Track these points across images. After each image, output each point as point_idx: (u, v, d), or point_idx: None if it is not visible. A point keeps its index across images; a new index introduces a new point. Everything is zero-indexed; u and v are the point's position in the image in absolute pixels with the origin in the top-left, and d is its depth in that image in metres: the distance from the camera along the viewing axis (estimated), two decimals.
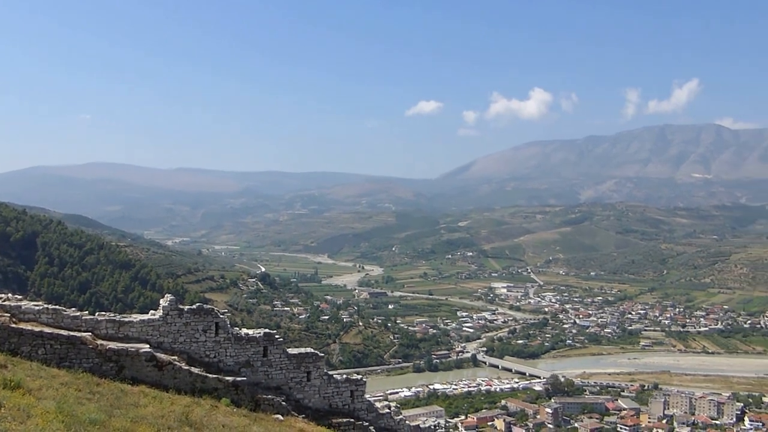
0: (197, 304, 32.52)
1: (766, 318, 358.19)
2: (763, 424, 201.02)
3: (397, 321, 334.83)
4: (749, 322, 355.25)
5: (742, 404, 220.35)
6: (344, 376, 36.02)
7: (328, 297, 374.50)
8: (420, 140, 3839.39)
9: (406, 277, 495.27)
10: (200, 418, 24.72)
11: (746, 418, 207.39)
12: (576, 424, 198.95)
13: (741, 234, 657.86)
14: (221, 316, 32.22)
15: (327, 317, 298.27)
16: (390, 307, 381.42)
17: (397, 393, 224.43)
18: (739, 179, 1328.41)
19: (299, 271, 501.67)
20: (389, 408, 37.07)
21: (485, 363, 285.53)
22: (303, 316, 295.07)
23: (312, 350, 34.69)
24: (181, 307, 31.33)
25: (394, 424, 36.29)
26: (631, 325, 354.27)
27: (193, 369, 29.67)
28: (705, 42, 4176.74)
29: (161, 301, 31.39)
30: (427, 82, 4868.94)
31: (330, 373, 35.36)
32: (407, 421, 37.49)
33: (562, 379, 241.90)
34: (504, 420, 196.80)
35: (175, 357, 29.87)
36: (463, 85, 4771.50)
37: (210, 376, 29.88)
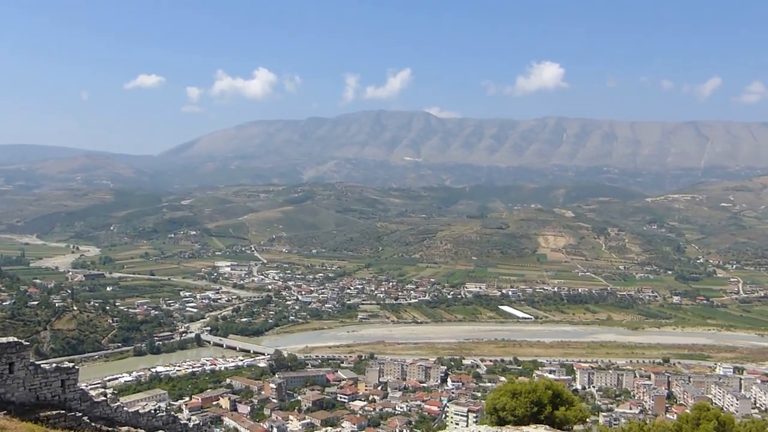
0: None
1: (466, 289, 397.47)
2: (463, 384, 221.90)
3: (116, 303, 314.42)
4: (452, 293, 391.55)
5: (445, 367, 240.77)
6: (54, 365, 31.68)
7: (37, 281, 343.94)
8: (141, 115, 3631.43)
9: (126, 258, 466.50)
10: None
11: (449, 379, 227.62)
12: (299, 397, 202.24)
13: (446, 213, 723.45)
14: None
15: (36, 303, 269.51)
16: (108, 289, 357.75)
17: (116, 379, 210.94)
18: (445, 163, 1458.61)
19: (3, 253, 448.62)
20: (105, 395, 33.84)
21: (209, 342, 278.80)
22: (7, 303, 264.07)
23: (15, 339, 29.96)
24: None
25: (110, 412, 33.05)
26: (350, 300, 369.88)
27: None
28: (417, 34, 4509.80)
29: None
30: (148, 55, 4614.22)
31: (38, 363, 31.08)
32: (125, 408, 34.30)
33: (286, 355, 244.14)
34: (229, 398, 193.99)
35: None
36: (186, 61, 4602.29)
37: None
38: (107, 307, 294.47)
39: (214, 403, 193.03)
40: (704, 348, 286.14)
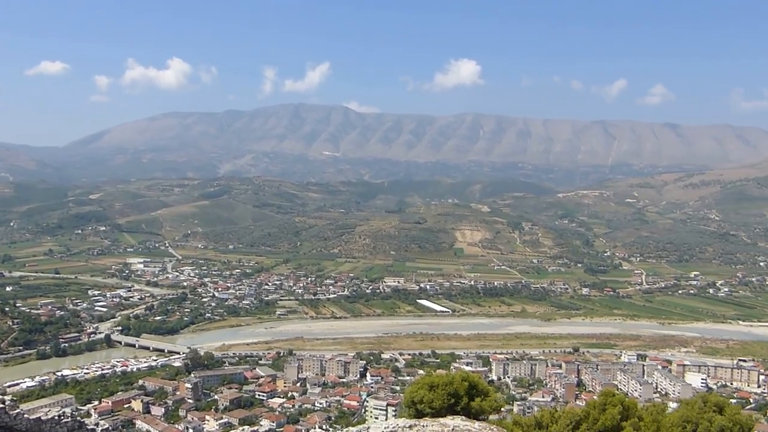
0: None
1: (384, 283, 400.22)
2: (382, 378, 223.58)
3: (17, 304, 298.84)
4: (371, 287, 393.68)
5: (364, 362, 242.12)
6: None
7: None
8: (45, 104, 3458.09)
9: (28, 255, 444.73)
10: None
11: (368, 374, 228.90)
12: (216, 396, 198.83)
13: (364, 208, 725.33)
14: None
15: None
16: (8, 289, 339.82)
17: (17, 384, 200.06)
18: (363, 158, 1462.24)
19: None
20: (3, 402, 31.34)
21: (121, 343, 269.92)
22: None
23: None
24: None
25: (9, 420, 30.86)
26: (268, 296, 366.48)
27: None
28: (336, 28, 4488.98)
29: None
30: (52, 41, 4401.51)
31: None
32: (26, 415, 32.04)
33: (202, 353, 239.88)
34: (142, 400, 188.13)
35: None
36: (93, 48, 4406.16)
37: None
38: (6, 309, 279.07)
39: (126, 406, 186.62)
40: (611, 337, 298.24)
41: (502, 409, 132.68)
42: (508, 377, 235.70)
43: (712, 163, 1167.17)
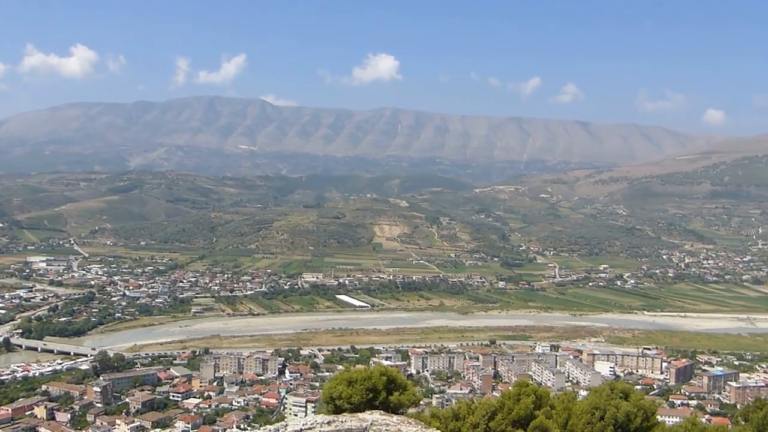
0: None
1: (303, 279, 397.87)
2: (301, 374, 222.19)
3: None
4: (289, 283, 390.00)
5: (283, 359, 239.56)
6: None
7: None
8: None
9: None
10: None
11: (287, 371, 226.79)
12: (127, 399, 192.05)
13: (282, 203, 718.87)
14: None
15: None
16: None
17: None
18: (281, 152, 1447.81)
19: None
20: None
21: (21, 346, 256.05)
22: None
23: None
24: None
25: None
26: (182, 294, 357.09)
27: None
28: (251, 18, 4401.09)
29: None
30: None
31: None
32: None
33: (112, 355, 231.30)
34: (46, 406, 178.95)
35: None
36: None
37: None
38: None
39: (28, 413, 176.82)
40: (526, 329, 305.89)
41: (421, 402, 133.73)
42: (427, 371, 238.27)
43: (620, 161, 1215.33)
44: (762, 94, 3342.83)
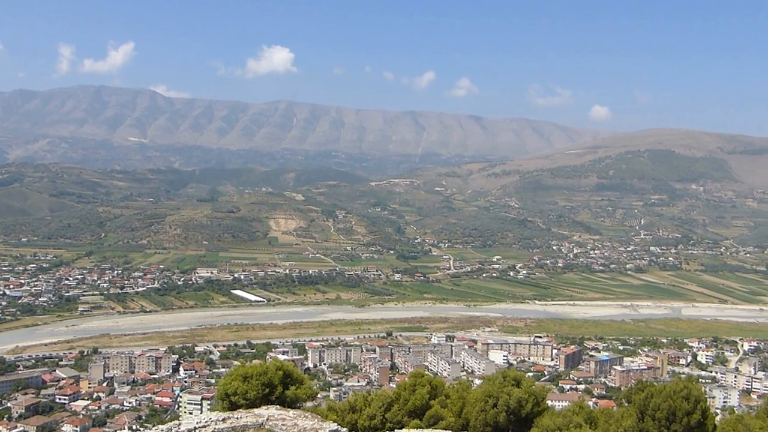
0: None
1: (197, 274, 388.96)
2: (196, 371, 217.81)
3: None
4: (183, 279, 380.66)
5: (177, 356, 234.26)
6: None
7: None
8: None
9: None
10: None
11: (181, 368, 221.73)
12: (9, 404, 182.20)
13: (175, 197, 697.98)
14: None
15: None
16: None
17: None
18: (173, 145, 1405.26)
19: None
20: None
21: None
22: None
23: None
24: None
25: None
26: (68, 292, 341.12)
27: None
28: (139, 4, 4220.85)
29: None
30: None
31: None
32: None
33: None
34: None
35: None
36: None
37: None
38: None
39: None
40: (422, 320, 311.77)
41: (318, 396, 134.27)
42: (324, 364, 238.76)
43: (512, 154, 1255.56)
44: (643, 91, 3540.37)
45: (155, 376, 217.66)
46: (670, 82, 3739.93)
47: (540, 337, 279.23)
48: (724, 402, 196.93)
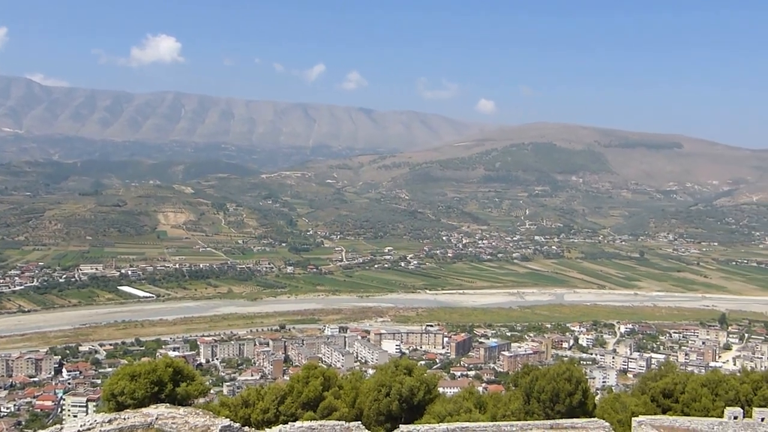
0: None
1: (80, 271, 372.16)
2: (81, 372, 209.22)
3: None
4: (65, 276, 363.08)
5: (59, 357, 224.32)
6: None
7: None
8: None
9: None
10: None
11: (64, 370, 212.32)
12: None
13: (55, 191, 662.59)
14: None
15: None
16: None
17: None
18: (52, 136, 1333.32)
19: None
20: None
21: None
22: None
23: None
24: None
25: None
26: None
27: None
28: None
29: None
30: None
31: None
32: None
33: None
34: None
35: None
36: None
37: None
38: None
39: None
40: (315, 312, 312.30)
41: (211, 391, 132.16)
42: (217, 359, 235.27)
43: (402, 147, 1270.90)
44: (528, 85, 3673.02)
45: (35, 379, 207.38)
46: (552, 77, 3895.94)
47: (431, 325, 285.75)
48: (604, 382, 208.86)
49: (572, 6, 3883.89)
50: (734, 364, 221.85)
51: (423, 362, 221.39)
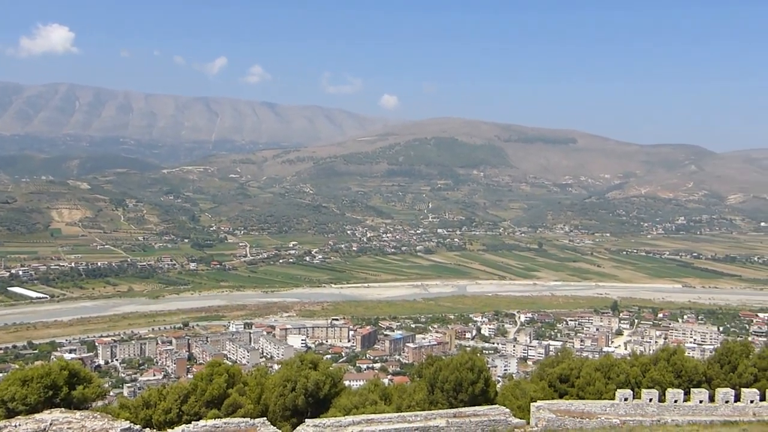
0: None
1: None
2: None
3: None
4: None
5: None
6: None
7: None
8: None
9: None
10: None
11: None
12: None
13: None
14: None
15: None
16: None
17: None
18: None
19: None
20: None
21: None
22: None
23: None
24: None
25: None
26: None
27: None
28: None
29: None
30: None
31: None
32: None
33: None
34: None
35: None
36: None
37: None
38: None
39: None
40: (219, 309, 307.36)
41: (110, 393, 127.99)
42: (117, 360, 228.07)
43: (306, 141, 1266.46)
44: (430, 81, 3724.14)
45: None
46: (454, 73, 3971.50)
47: (337, 319, 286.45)
48: (505, 369, 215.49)
49: (474, 2, 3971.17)
50: (625, 349, 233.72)
51: (329, 356, 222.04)
